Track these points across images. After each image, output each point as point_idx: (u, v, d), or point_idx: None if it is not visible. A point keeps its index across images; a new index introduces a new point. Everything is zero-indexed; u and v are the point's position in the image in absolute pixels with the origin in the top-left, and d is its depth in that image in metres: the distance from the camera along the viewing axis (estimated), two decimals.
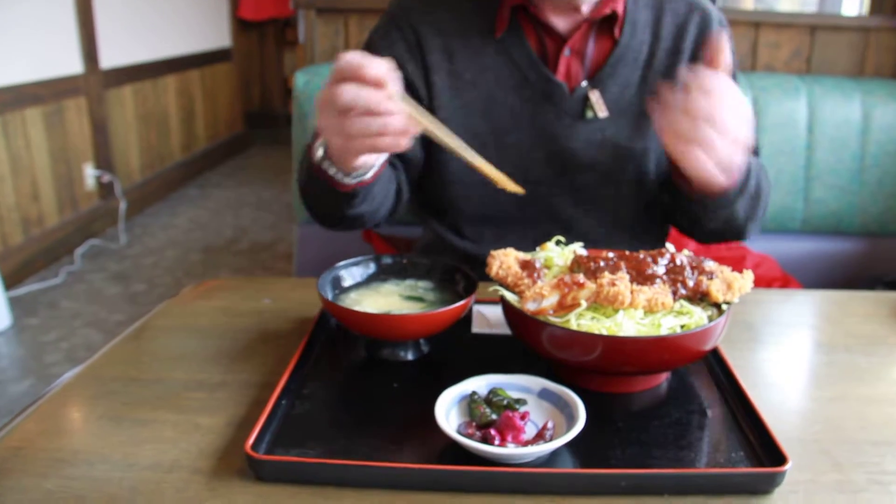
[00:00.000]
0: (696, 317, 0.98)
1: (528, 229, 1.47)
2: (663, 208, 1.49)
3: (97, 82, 4.23)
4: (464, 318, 1.12)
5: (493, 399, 0.93)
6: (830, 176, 2.07)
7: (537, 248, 1.16)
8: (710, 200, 1.18)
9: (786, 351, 1.16)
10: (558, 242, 1.17)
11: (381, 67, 0.95)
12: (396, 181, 1.41)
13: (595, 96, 1.40)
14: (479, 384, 0.96)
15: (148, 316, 1.32)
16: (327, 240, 1.93)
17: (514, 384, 0.97)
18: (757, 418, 0.91)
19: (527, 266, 1.07)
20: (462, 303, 1.05)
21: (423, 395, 0.94)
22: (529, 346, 1.01)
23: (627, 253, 1.06)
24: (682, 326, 0.97)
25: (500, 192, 1.18)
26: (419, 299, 1.13)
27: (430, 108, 1.43)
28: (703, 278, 1.02)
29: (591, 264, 1.03)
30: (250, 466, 0.85)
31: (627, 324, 0.95)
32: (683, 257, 1.06)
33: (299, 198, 1.37)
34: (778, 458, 0.83)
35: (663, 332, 0.95)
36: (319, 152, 1.10)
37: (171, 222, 4.77)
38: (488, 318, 1.22)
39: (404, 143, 1.00)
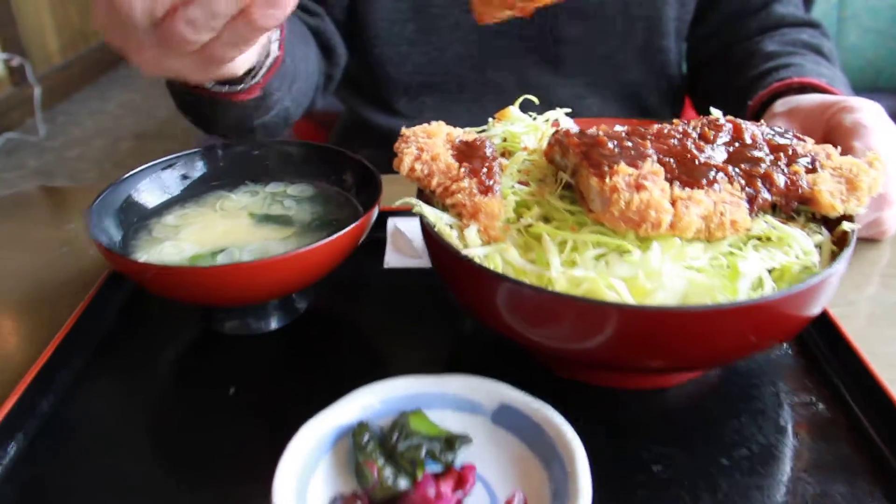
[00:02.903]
0: (797, 249, 0.47)
1: (486, 102, 0.93)
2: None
3: None
4: (369, 243, 0.60)
5: (399, 445, 0.42)
6: (868, 16, 1.54)
7: (491, 120, 0.63)
8: None
9: None
10: (525, 108, 0.64)
11: None
12: (318, 34, 0.88)
13: None
14: (371, 401, 0.45)
15: None
16: None
17: (445, 396, 0.46)
18: None
19: (468, 153, 0.54)
20: (352, 228, 0.53)
21: (286, 416, 0.45)
22: (474, 314, 0.50)
23: (656, 128, 0.53)
24: (771, 273, 0.46)
25: (445, 49, 0.65)
26: (283, 220, 0.60)
27: None
28: (800, 169, 0.50)
29: (590, 148, 0.50)
30: None
31: (671, 271, 0.44)
32: (755, 129, 0.54)
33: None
34: None
35: (743, 289, 0.44)
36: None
37: (100, 108, 4.07)
38: (411, 239, 0.70)
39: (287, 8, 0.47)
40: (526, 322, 0.45)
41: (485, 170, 0.52)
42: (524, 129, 0.60)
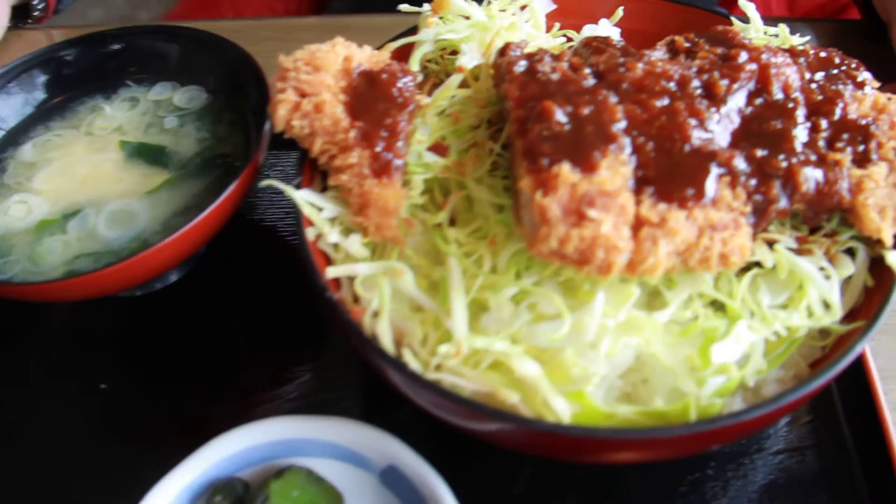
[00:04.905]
0: (814, 295, 0.32)
1: None
2: None
3: None
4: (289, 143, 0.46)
5: None
6: None
7: (426, 9, 0.43)
8: None
9: None
10: None
11: None
12: None
13: None
14: (238, 449, 0.36)
15: None
16: None
17: (328, 445, 0.37)
18: None
19: (368, 95, 0.37)
20: (229, 193, 0.40)
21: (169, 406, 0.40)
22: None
23: (642, 68, 0.34)
24: (766, 346, 0.32)
25: None
26: (158, 158, 0.46)
27: None
28: (844, 160, 0.32)
29: (530, 119, 0.33)
30: None
31: (613, 345, 0.30)
32: (791, 72, 0.35)
33: None
34: None
35: (713, 384, 0.30)
36: None
37: None
38: None
39: None
40: (410, 397, 0.33)
41: (384, 133, 0.36)
42: (465, 33, 0.41)
